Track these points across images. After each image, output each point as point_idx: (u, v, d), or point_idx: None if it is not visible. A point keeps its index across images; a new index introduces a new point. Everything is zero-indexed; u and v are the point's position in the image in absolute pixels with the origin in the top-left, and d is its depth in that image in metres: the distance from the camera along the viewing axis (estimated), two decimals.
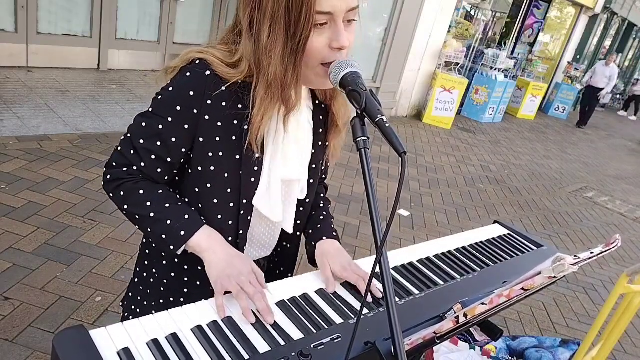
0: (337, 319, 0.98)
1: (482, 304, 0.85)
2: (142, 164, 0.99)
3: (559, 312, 3.50)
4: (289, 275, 1.26)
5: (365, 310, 0.95)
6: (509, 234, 1.58)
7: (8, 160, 3.34)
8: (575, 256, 0.83)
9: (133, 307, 1.19)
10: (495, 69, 8.88)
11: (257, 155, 0.98)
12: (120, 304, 1.25)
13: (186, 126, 0.95)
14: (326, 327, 0.94)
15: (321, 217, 1.23)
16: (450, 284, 1.19)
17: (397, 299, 1.07)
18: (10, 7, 4.53)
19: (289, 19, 0.85)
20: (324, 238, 1.18)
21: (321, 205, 1.26)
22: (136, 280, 1.18)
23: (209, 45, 0.97)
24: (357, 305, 1.04)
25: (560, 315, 3.46)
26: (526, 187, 6.17)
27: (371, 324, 0.96)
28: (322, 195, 1.29)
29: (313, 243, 1.18)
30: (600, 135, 11.50)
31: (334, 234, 1.21)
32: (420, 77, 7.87)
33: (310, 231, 1.20)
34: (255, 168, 1.00)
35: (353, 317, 0.99)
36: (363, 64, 0.96)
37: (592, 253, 0.91)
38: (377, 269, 0.71)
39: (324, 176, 1.30)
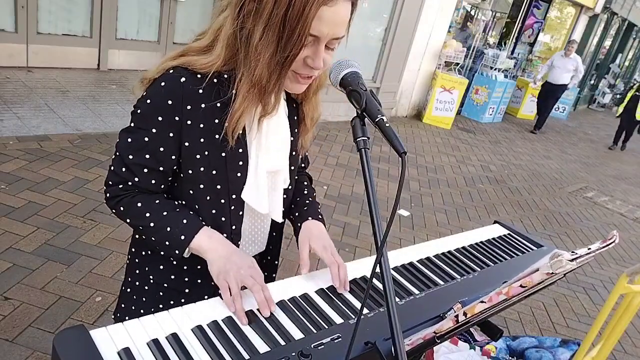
0: (337, 319, 0.98)
1: (482, 302, 0.85)
2: (136, 179, 1.01)
3: (559, 312, 3.50)
4: (276, 262, 1.29)
5: (365, 310, 0.95)
6: (509, 234, 1.58)
7: (8, 160, 3.34)
8: (572, 252, 0.83)
9: (127, 317, 1.18)
10: (495, 69, 8.88)
11: (240, 151, 1.00)
12: (113, 316, 1.24)
13: (171, 134, 0.97)
14: (326, 327, 0.94)
15: (307, 202, 1.25)
16: (450, 284, 1.19)
17: (397, 299, 1.07)
18: (10, 7, 4.53)
19: (283, 31, 0.85)
20: (310, 218, 1.20)
21: (305, 192, 1.28)
22: (128, 290, 1.18)
23: (184, 47, 0.98)
24: (357, 305, 1.05)
25: (560, 315, 3.46)
26: (526, 187, 6.17)
27: (371, 324, 0.96)
28: (305, 183, 1.31)
29: (299, 224, 1.21)
30: (600, 136, 11.48)
31: (320, 216, 1.23)
32: (420, 77, 7.86)
33: (297, 214, 1.23)
34: (240, 163, 1.01)
35: (353, 317, 0.99)
36: (363, 64, 0.96)
37: (589, 249, 0.92)
38: (377, 269, 0.71)
39: (303, 165, 1.32)
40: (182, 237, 0.99)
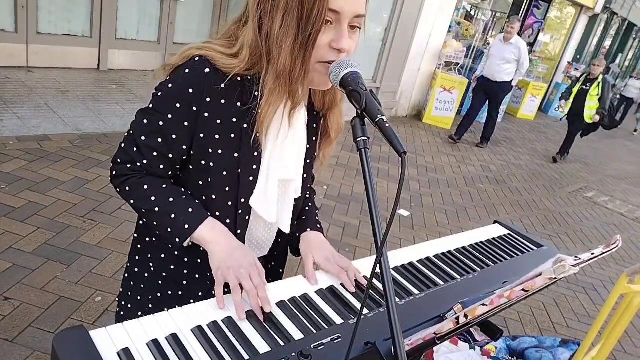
0: (337, 319, 0.98)
1: (483, 304, 0.85)
2: (145, 161, 1.00)
3: (559, 312, 3.50)
4: (281, 270, 1.28)
5: (365, 310, 0.95)
6: (509, 234, 1.58)
7: (8, 160, 3.34)
8: (575, 257, 0.83)
9: (124, 302, 1.19)
10: None
11: (255, 154, 0.99)
12: (117, 302, 1.25)
13: (186, 123, 0.96)
14: (326, 327, 0.94)
15: (306, 209, 1.24)
16: (450, 284, 1.19)
17: (397, 299, 1.07)
18: (10, 7, 4.53)
19: (302, 12, 0.86)
20: (309, 230, 1.20)
21: (307, 196, 1.27)
22: (127, 275, 1.19)
23: (208, 41, 0.98)
24: (357, 305, 1.04)
25: (560, 315, 3.46)
26: (526, 187, 6.17)
27: (371, 324, 0.96)
28: (308, 186, 1.30)
29: (297, 234, 1.20)
30: (599, 136, 11.47)
31: (318, 225, 1.22)
32: (420, 77, 7.86)
33: (295, 222, 1.21)
34: (254, 167, 1.00)
35: (353, 317, 0.99)
36: (363, 64, 0.96)
37: (592, 254, 0.92)
38: (377, 269, 0.71)
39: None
40: (186, 226, 0.98)
